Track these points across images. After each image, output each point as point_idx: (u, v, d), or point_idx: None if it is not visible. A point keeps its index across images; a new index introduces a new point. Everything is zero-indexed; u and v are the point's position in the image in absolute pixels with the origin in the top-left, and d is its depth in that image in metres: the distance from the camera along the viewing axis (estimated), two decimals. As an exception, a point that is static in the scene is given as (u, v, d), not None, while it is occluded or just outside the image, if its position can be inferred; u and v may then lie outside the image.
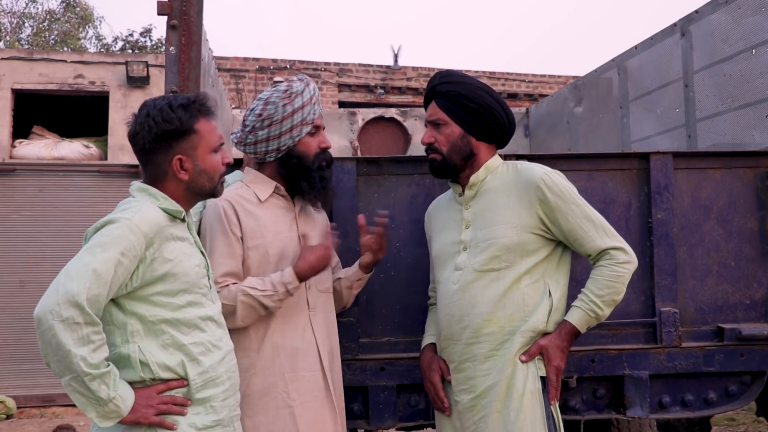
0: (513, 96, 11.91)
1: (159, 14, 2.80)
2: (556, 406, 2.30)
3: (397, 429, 2.97)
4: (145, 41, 17.61)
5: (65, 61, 8.91)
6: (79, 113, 9.59)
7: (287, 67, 11.29)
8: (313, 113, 2.43)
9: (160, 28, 17.33)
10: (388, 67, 11.87)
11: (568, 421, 2.68)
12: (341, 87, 11.60)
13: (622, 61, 4.81)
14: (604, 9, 51.09)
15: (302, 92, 2.41)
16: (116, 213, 1.96)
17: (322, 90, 11.08)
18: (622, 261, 2.32)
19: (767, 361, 2.79)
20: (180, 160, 2.04)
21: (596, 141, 5.12)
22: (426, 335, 2.59)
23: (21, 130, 8.86)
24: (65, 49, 15.99)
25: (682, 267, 2.81)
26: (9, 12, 17.19)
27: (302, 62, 11.45)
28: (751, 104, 3.61)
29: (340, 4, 45.74)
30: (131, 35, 17.71)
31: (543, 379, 2.29)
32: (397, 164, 2.85)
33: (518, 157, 2.74)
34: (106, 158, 8.75)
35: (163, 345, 1.95)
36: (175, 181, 2.06)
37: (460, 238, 2.42)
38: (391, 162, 2.86)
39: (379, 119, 6.32)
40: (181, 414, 1.94)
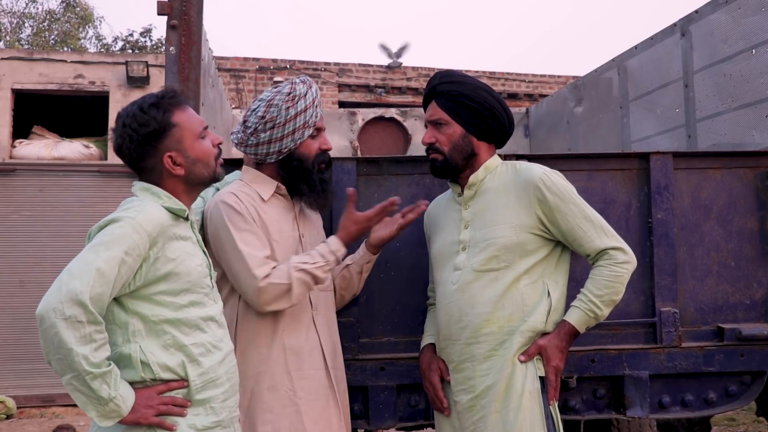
0: (513, 96, 11.90)
1: (159, 14, 2.81)
2: (555, 406, 2.30)
3: (397, 429, 2.96)
4: (145, 41, 17.61)
5: (65, 61, 8.91)
6: (79, 113, 9.58)
7: (287, 67, 11.29)
8: (315, 116, 2.42)
9: (160, 28, 17.34)
10: (388, 67, 11.87)
11: (568, 421, 2.69)
12: (341, 87, 11.60)
13: (622, 61, 4.81)
14: (604, 9, 51.11)
15: (305, 95, 2.40)
16: (120, 212, 1.96)
17: (322, 90, 11.08)
18: (621, 261, 2.32)
19: (767, 361, 2.79)
20: (170, 157, 2.03)
21: (596, 141, 5.12)
22: (425, 335, 2.59)
23: (21, 130, 8.85)
24: (65, 49, 15.98)
25: (682, 267, 2.81)
26: (9, 12, 17.20)
27: (302, 62, 11.45)
28: (751, 104, 3.61)
29: (340, 4, 45.75)
30: (131, 35, 17.72)
31: (542, 379, 2.29)
32: (397, 164, 2.85)
33: (518, 157, 2.74)
34: (106, 158, 8.75)
35: (164, 345, 1.95)
36: (173, 178, 2.05)
37: (459, 238, 2.42)
38: (391, 162, 2.86)
39: (379, 119, 6.32)
40: (181, 415, 1.94)
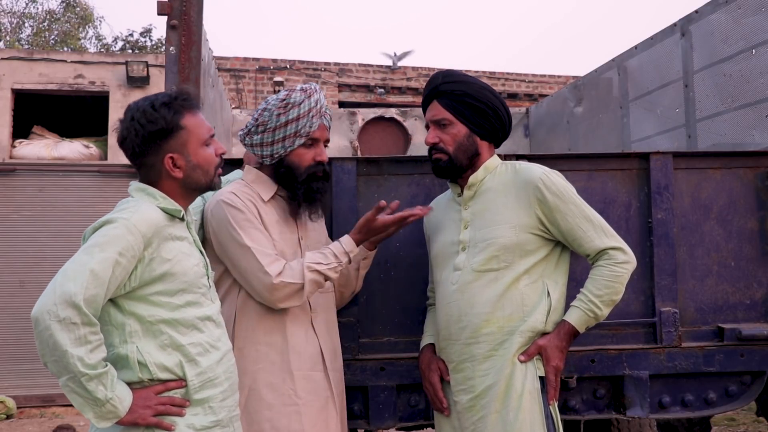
0: (513, 96, 11.90)
1: (159, 14, 2.81)
2: (555, 406, 2.29)
3: (397, 429, 2.96)
4: (145, 41, 17.61)
5: (65, 61, 8.91)
6: (79, 113, 9.59)
7: (287, 67, 11.29)
8: (310, 126, 2.39)
9: (160, 28, 17.34)
10: (388, 67, 11.87)
11: (568, 421, 2.69)
12: (341, 87, 11.60)
13: (622, 61, 4.81)
14: (604, 9, 51.11)
15: (300, 103, 2.38)
16: (114, 213, 1.95)
17: (322, 90, 11.05)
18: (621, 261, 2.32)
19: (767, 361, 2.79)
20: (172, 158, 2.02)
21: (596, 141, 5.12)
22: (425, 335, 2.58)
23: (21, 130, 8.86)
24: (65, 49, 15.98)
25: (682, 267, 2.81)
26: (9, 12, 17.20)
27: (302, 62, 11.44)
28: (751, 104, 3.61)
29: (340, 4, 45.75)
30: (131, 35, 17.72)
31: (542, 379, 2.29)
32: (397, 164, 2.85)
33: (518, 157, 2.73)
34: (106, 158, 8.76)
35: (161, 345, 1.94)
36: (170, 179, 2.04)
37: (458, 239, 2.42)
38: (391, 162, 2.85)
39: (379, 119, 6.33)
40: (179, 415, 1.94)
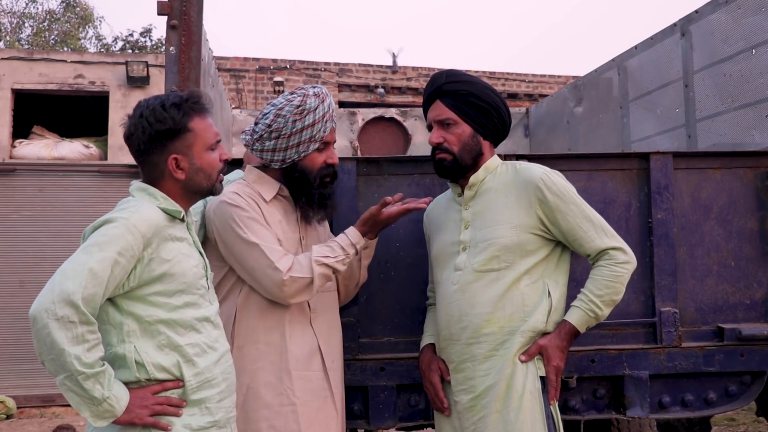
0: (513, 96, 11.89)
1: (159, 14, 2.81)
2: (556, 406, 2.29)
3: (397, 429, 2.96)
4: (145, 41, 17.62)
5: (65, 61, 8.91)
6: (79, 113, 9.59)
7: (287, 67, 11.29)
8: (324, 130, 2.39)
9: (160, 28, 17.34)
10: (388, 67, 11.87)
11: (568, 421, 2.68)
12: (341, 87, 11.59)
13: (622, 61, 4.81)
14: (604, 9, 51.10)
15: (315, 109, 2.37)
16: (114, 212, 1.95)
17: (326, 91, 11.05)
18: (621, 261, 2.32)
19: (767, 361, 2.79)
20: (176, 159, 2.02)
21: (596, 141, 5.12)
22: (425, 335, 2.58)
23: (21, 130, 8.86)
24: (65, 49, 15.99)
25: (682, 267, 2.81)
26: (9, 12, 17.20)
27: (302, 62, 11.44)
28: (751, 104, 3.61)
29: (340, 4, 45.75)
30: (131, 35, 17.73)
31: (542, 379, 2.29)
32: (397, 164, 2.85)
33: (518, 157, 2.73)
34: (106, 158, 8.76)
35: (158, 345, 1.94)
36: (172, 180, 2.04)
37: (459, 239, 2.42)
38: (391, 162, 2.85)
39: (379, 119, 6.33)
40: (176, 415, 1.94)
